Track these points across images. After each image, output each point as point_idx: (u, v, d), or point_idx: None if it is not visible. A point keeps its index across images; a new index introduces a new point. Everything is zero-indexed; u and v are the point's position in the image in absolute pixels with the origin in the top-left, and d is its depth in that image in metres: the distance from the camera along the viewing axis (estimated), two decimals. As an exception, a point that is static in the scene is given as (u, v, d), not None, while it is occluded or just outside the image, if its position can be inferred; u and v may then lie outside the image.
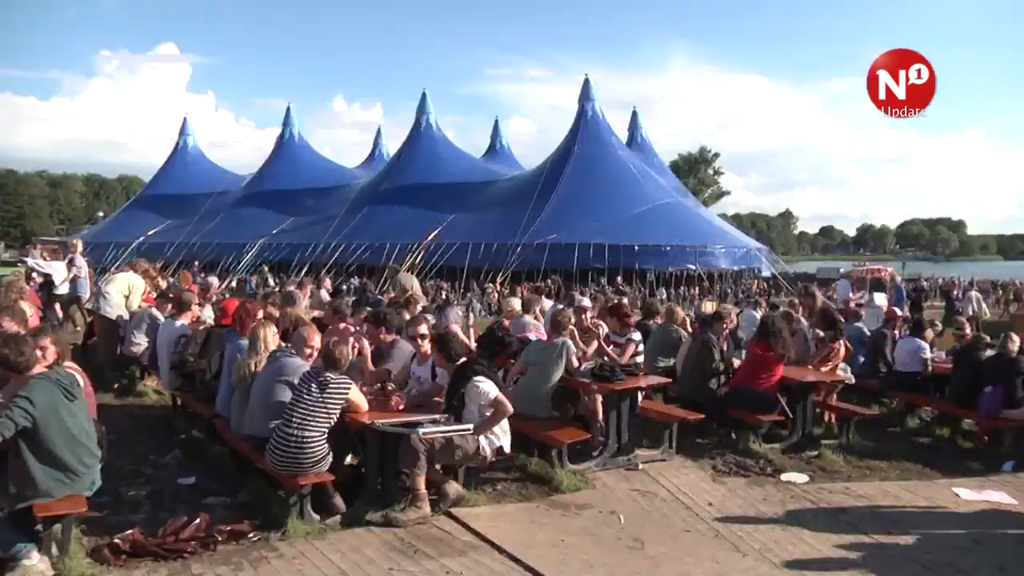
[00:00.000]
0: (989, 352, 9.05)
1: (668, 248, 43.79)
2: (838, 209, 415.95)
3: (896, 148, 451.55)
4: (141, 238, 54.68)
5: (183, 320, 9.15)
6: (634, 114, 62.10)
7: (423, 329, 7.51)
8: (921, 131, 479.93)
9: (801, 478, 7.36)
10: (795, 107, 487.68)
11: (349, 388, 5.99)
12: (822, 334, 10.00)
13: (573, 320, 8.26)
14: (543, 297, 12.60)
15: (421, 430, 6.02)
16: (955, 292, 31.38)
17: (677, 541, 5.70)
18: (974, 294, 25.77)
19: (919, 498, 6.72)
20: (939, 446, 8.87)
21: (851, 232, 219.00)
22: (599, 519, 6.12)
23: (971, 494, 6.88)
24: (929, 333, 10.23)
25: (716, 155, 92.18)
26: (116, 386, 10.36)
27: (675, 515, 6.29)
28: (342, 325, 8.81)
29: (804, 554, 5.52)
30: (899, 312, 12.17)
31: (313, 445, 5.74)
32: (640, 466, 7.45)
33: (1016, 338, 8.73)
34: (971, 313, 21.79)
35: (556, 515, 6.20)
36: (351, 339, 7.67)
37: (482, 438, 6.23)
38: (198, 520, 5.54)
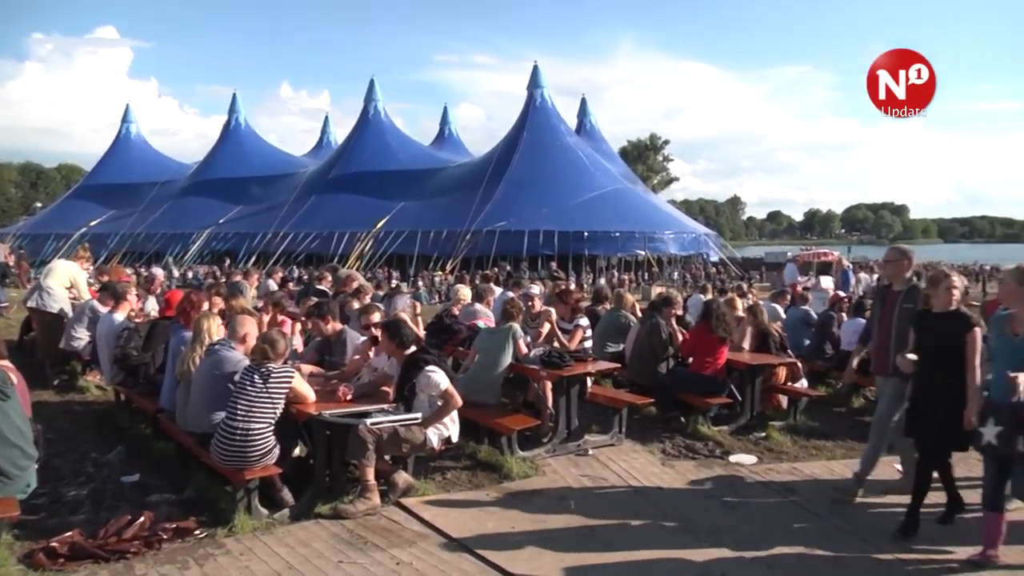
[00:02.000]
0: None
1: (617, 234, 44.05)
2: (785, 195, 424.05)
3: (840, 136, 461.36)
4: (83, 229, 53.56)
5: (121, 312, 8.96)
6: (583, 101, 62.34)
7: (376, 318, 7.44)
8: (864, 119, 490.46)
9: (749, 459, 7.45)
10: (742, 95, 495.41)
11: (292, 378, 5.90)
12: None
13: (523, 308, 8.27)
14: (491, 284, 12.56)
15: (369, 420, 5.96)
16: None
17: (627, 525, 5.73)
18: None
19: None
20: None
21: (798, 217, 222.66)
22: (549, 505, 6.12)
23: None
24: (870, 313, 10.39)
25: (666, 142, 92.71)
26: (56, 382, 10.09)
27: (625, 499, 6.32)
28: (281, 317, 8.71)
29: (752, 534, 5.57)
30: (843, 294, 12.38)
31: (259, 438, 5.64)
32: (590, 451, 7.48)
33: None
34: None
35: (506, 502, 6.19)
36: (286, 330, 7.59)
37: (430, 428, 6.19)
38: (142, 519, 5.40)
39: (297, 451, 6.40)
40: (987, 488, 5.12)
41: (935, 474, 5.67)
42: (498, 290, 12.23)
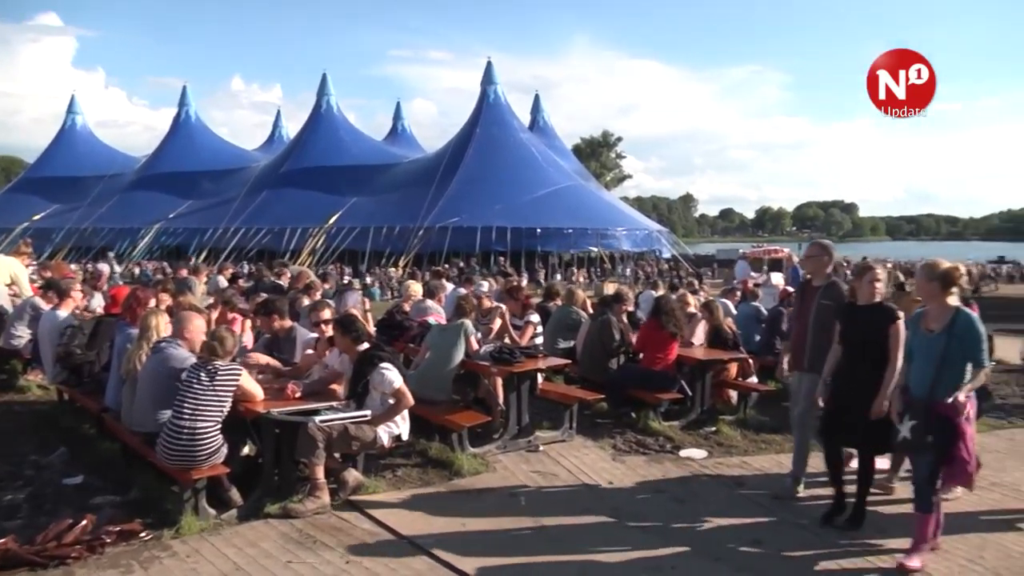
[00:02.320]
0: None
1: (570, 231, 44.27)
2: (737, 192, 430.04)
3: (792, 135, 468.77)
4: (26, 223, 52.41)
5: (65, 309, 8.77)
6: (536, 98, 62.60)
7: (326, 314, 7.37)
8: (815, 119, 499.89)
9: (699, 454, 7.51)
10: (695, 93, 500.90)
11: (240, 375, 5.82)
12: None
13: (475, 304, 8.27)
14: (443, 280, 12.53)
15: (318, 418, 5.90)
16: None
17: (578, 521, 5.74)
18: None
19: (811, 469, 6.89)
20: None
21: (750, 214, 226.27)
22: (500, 502, 6.13)
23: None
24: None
25: (618, 139, 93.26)
26: (-6, 383, 9.83)
27: (576, 495, 6.34)
28: (230, 315, 8.60)
29: (702, 527, 5.63)
30: (792, 290, 12.53)
31: (206, 437, 5.55)
32: (541, 448, 7.49)
33: None
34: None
35: (457, 499, 6.18)
36: (235, 327, 7.50)
37: (381, 426, 6.15)
38: (83, 522, 5.22)
39: (246, 450, 6.30)
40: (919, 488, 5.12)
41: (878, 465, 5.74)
42: (450, 286, 12.20)
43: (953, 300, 5.00)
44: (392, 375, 6.19)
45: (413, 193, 46.51)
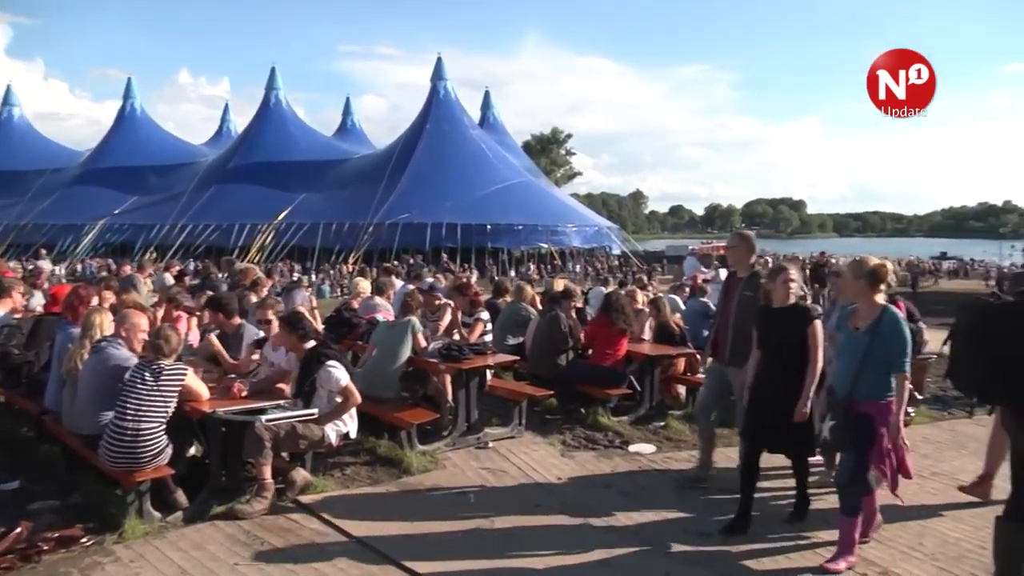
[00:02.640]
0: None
1: (520, 227, 44.41)
2: (687, 190, 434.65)
3: (741, 133, 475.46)
4: (-41, 220, 51.00)
5: (3, 309, 8.54)
6: (486, 94, 62.63)
7: (269, 314, 7.29)
8: (764, 118, 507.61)
9: (648, 448, 7.56)
10: (645, 91, 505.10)
11: (185, 375, 5.74)
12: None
13: (423, 301, 8.24)
14: (393, 277, 12.45)
15: (265, 417, 5.84)
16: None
17: (527, 517, 5.75)
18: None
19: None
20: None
21: (699, 211, 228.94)
22: (450, 499, 6.12)
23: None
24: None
25: (568, 136, 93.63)
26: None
27: (525, 491, 6.34)
28: (176, 313, 8.46)
29: (652, 521, 5.67)
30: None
31: (150, 438, 5.45)
32: (490, 444, 7.49)
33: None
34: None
35: (407, 498, 6.15)
36: (180, 326, 7.39)
37: (328, 425, 6.10)
38: (18, 529, 5.05)
39: (192, 450, 6.23)
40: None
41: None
42: (399, 283, 12.13)
43: (880, 298, 4.95)
44: (339, 373, 6.14)
45: (363, 189, 46.26)
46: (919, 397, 8.90)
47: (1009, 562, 4.31)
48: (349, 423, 6.31)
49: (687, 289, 13.05)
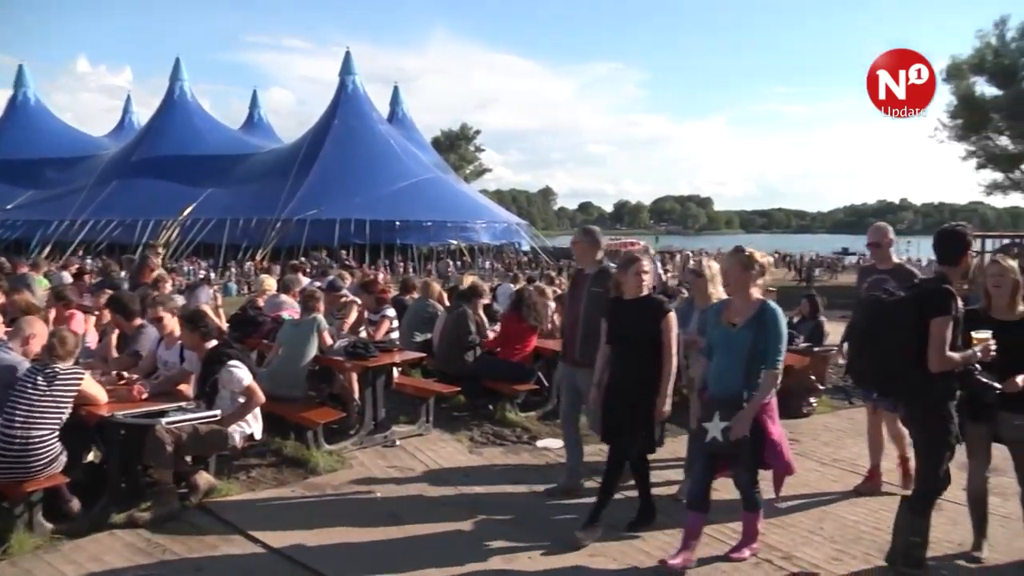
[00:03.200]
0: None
1: (429, 224, 44.35)
2: (596, 186, 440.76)
3: (649, 131, 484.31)
4: None
5: None
6: (395, 89, 62.49)
7: (160, 312, 7.07)
8: (671, 117, 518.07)
9: (556, 443, 7.56)
10: (554, 88, 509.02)
11: (82, 379, 5.53)
12: None
13: (324, 297, 8.16)
14: (300, 275, 12.29)
15: (165, 420, 5.68)
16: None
17: (434, 514, 5.73)
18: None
19: (665, 452, 7.07)
20: (684, 403, 9.46)
21: (608, 208, 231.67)
22: (356, 499, 6.07)
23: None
24: (680, 300, 10.88)
25: (477, 132, 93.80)
26: None
27: (432, 489, 6.33)
28: (68, 311, 8.17)
29: (559, 517, 5.70)
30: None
31: (42, 445, 5.21)
32: (397, 442, 7.46)
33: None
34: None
35: (313, 498, 6.08)
36: (76, 326, 7.14)
37: (232, 426, 5.98)
38: None
39: (90, 456, 6.03)
40: (695, 487, 4.99)
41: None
42: (306, 281, 11.97)
43: (757, 293, 4.82)
44: (241, 372, 6.03)
45: (270, 185, 45.52)
46: (821, 387, 9.27)
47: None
48: (253, 424, 6.20)
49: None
